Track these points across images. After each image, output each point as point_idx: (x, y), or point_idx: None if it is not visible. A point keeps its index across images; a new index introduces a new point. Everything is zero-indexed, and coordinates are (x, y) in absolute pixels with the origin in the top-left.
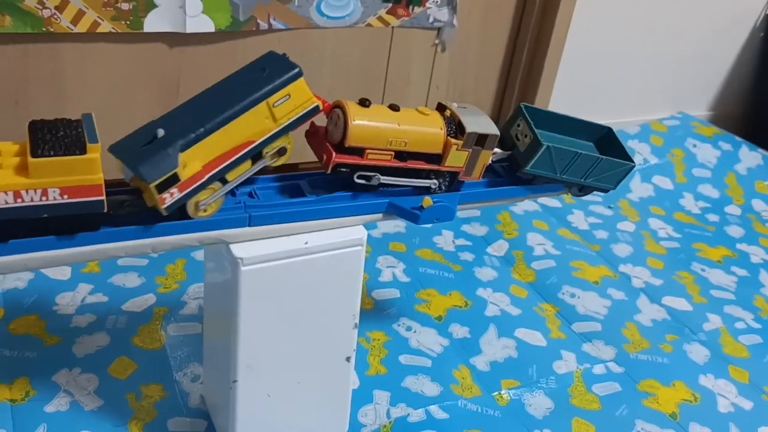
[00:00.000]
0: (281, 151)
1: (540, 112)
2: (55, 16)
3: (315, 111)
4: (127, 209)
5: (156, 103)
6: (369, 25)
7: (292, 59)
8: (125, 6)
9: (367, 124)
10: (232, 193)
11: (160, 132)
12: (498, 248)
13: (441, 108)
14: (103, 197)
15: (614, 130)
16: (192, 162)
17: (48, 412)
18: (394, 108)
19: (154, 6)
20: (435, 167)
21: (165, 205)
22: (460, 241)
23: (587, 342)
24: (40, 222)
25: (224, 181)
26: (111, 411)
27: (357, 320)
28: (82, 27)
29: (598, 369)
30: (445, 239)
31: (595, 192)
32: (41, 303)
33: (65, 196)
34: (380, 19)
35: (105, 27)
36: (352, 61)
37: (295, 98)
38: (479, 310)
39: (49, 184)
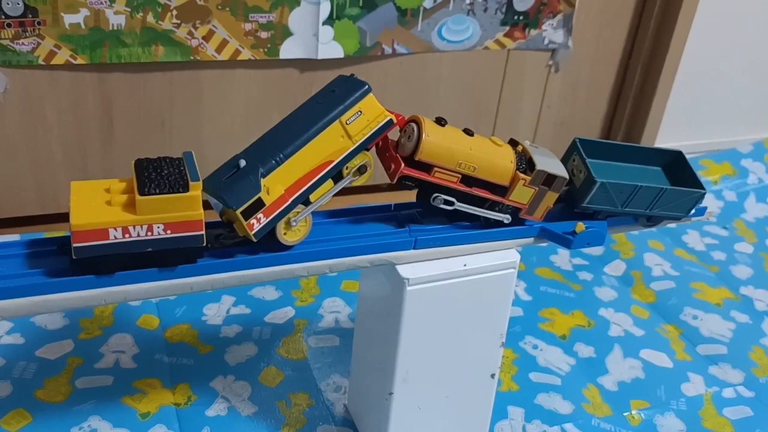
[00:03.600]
0: (361, 169)
1: (599, 144)
2: (202, 45)
3: (389, 125)
4: (223, 241)
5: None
6: (486, 48)
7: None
8: (264, 35)
9: (440, 141)
10: (395, 217)
11: (242, 162)
12: (615, 268)
13: (513, 143)
14: (203, 232)
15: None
16: (275, 186)
17: (209, 416)
18: (468, 132)
19: (290, 34)
20: (499, 198)
21: (253, 231)
22: (577, 260)
23: (713, 365)
24: (143, 255)
25: (308, 203)
26: (265, 417)
27: (504, 339)
28: (225, 55)
29: (728, 393)
30: (562, 258)
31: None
32: (191, 313)
33: (168, 231)
34: (497, 42)
35: (245, 55)
36: (467, 83)
37: (367, 114)
38: (602, 330)
39: (155, 220)
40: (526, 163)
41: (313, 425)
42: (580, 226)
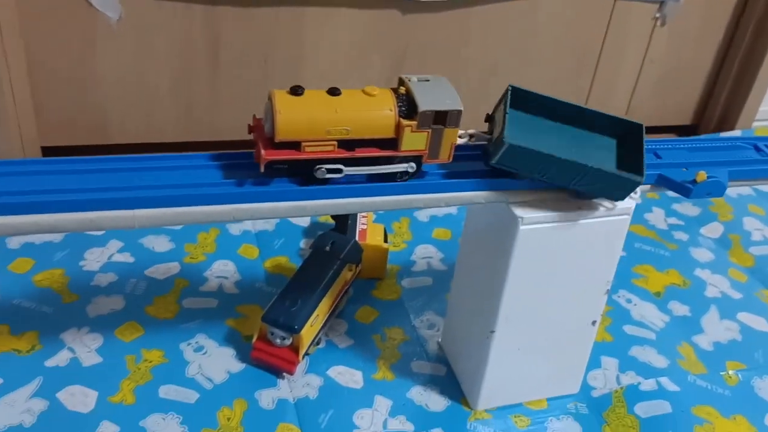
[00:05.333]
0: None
1: (546, 100)
2: None
3: None
4: None
5: (385, 67)
6: None
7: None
8: None
9: (296, 116)
10: None
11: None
12: (713, 230)
13: (402, 83)
14: None
15: None
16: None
17: (309, 353)
18: (333, 92)
19: None
20: (392, 153)
21: None
22: (672, 220)
23: None
24: None
25: None
26: (361, 350)
27: (609, 287)
28: None
29: None
30: (656, 216)
31: None
32: (288, 246)
33: None
34: None
35: None
36: (566, 32)
37: None
38: (698, 290)
39: None
40: (408, 106)
41: (408, 360)
42: (702, 175)
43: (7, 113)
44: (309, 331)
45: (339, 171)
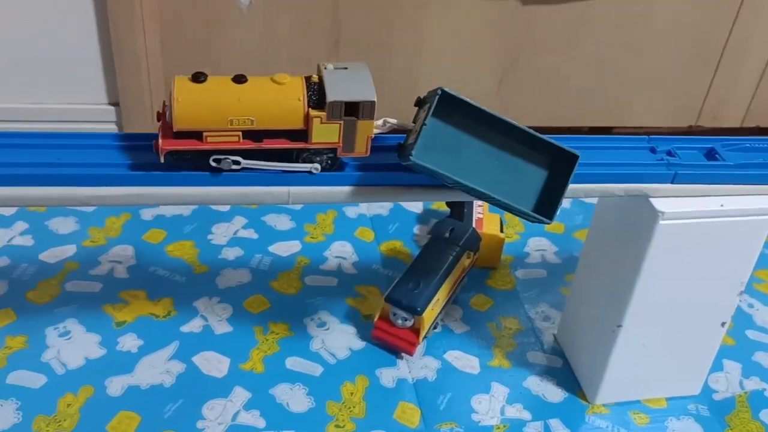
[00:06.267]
0: None
1: (479, 112)
2: None
3: None
4: None
5: (501, 58)
6: None
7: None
8: None
9: (195, 104)
10: (652, 150)
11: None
12: None
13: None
14: None
15: None
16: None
17: (427, 336)
18: (238, 80)
19: None
20: (302, 145)
21: None
22: None
23: None
24: None
25: None
26: (477, 337)
27: (744, 288)
28: None
29: None
30: None
31: None
32: (402, 231)
33: None
34: None
35: None
36: (687, 21)
37: None
38: None
39: None
40: (320, 96)
41: (523, 349)
42: None
43: (143, 91)
44: (429, 314)
45: (237, 163)
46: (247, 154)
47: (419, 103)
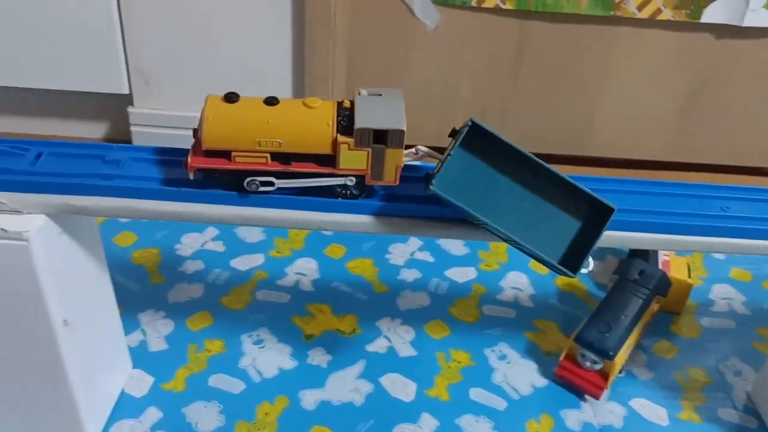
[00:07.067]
0: None
1: (515, 152)
2: (625, 1)
3: None
4: None
5: (685, 90)
6: None
7: None
8: None
9: (224, 124)
10: None
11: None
12: None
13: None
14: None
15: None
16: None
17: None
18: (270, 102)
19: None
20: (329, 170)
21: None
22: None
23: None
24: None
25: None
26: (662, 385)
27: None
28: (645, 13)
29: None
30: None
31: None
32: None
33: None
34: None
35: (666, 15)
36: None
37: None
38: None
39: None
40: (350, 122)
41: (713, 405)
42: None
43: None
44: (619, 359)
45: (271, 184)
46: (278, 176)
47: (453, 134)
